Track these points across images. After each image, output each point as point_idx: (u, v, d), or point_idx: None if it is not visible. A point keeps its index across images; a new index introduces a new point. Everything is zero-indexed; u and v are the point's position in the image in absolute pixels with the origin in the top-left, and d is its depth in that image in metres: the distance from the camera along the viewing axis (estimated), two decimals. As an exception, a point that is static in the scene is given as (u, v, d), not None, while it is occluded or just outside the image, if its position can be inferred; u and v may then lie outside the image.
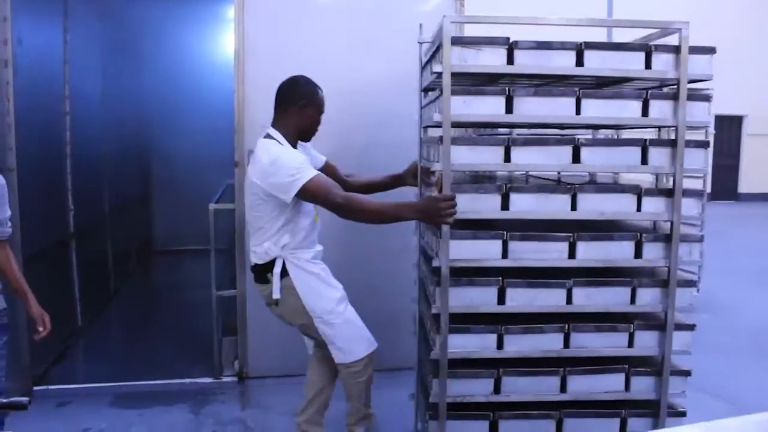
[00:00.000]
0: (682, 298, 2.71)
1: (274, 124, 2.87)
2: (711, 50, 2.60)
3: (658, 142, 2.64)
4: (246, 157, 3.93)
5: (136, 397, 3.50)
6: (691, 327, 2.73)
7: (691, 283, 2.73)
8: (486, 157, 2.58)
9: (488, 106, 2.55)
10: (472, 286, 2.64)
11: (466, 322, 2.68)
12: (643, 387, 2.75)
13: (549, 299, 2.66)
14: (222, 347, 4.27)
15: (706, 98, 2.62)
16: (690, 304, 2.73)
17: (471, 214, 2.60)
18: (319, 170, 2.91)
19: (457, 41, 2.50)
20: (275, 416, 3.70)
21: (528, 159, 2.59)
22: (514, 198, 2.61)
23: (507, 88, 2.54)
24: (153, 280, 8.05)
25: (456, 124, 2.52)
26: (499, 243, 2.62)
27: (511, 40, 2.51)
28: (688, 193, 2.68)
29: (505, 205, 2.61)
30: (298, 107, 2.84)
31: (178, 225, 8.05)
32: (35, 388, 4.00)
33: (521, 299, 2.66)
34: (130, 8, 7.04)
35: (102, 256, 6.28)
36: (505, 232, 2.61)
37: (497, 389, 2.70)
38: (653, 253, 2.68)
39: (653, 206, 2.66)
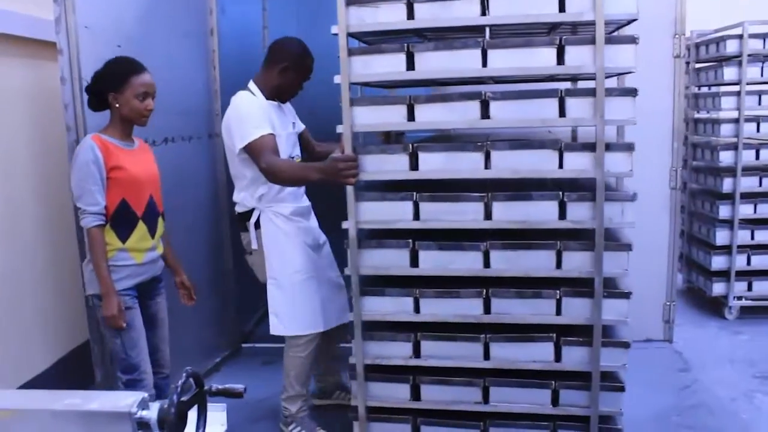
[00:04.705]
0: (617, 263, 2.47)
1: (255, 78, 2.97)
2: (633, -15, 2.31)
3: (576, 92, 2.40)
4: None
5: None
6: (625, 295, 2.47)
7: (625, 247, 2.47)
8: (389, 117, 2.52)
9: (389, 65, 2.49)
10: (383, 248, 2.61)
11: (386, 284, 2.66)
12: (576, 357, 2.55)
13: (464, 263, 2.56)
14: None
15: (632, 40, 2.33)
16: (625, 269, 2.47)
17: (378, 175, 2.57)
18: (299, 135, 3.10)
19: (353, 1, 2.46)
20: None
21: (432, 116, 2.50)
22: (423, 157, 2.53)
23: (406, 45, 2.46)
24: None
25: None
26: (410, 204, 2.56)
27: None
28: (616, 147, 2.43)
29: (414, 166, 2.54)
30: (280, 69, 2.91)
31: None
32: (243, 345, 4.30)
33: (435, 262, 2.58)
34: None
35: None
36: (414, 193, 2.55)
37: (417, 354, 2.66)
38: (579, 214, 2.46)
39: (576, 162, 2.43)
